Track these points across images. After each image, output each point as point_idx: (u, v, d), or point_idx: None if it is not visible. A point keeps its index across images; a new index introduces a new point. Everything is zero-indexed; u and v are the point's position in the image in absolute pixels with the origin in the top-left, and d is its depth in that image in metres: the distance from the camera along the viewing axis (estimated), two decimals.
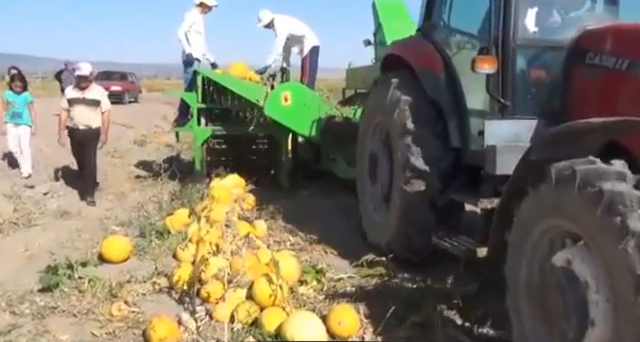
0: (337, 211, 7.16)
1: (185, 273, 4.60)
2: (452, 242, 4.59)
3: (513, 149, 3.87)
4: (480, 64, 4.15)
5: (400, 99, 5.12)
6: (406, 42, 5.81)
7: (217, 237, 5.18)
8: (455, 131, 4.85)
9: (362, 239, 5.85)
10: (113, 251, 5.37)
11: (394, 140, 5.26)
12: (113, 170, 10.49)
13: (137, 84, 36.34)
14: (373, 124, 5.90)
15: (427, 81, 5.07)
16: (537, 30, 4.54)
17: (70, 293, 4.47)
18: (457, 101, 4.87)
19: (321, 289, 4.68)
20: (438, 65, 5.03)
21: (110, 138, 9.02)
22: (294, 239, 5.99)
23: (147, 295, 4.56)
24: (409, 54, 5.43)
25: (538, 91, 4.44)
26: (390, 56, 5.77)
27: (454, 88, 4.89)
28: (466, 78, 4.76)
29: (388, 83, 5.35)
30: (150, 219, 6.54)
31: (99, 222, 6.88)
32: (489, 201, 4.23)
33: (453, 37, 5.17)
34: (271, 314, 3.99)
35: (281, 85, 8.79)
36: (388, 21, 8.28)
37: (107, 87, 34.41)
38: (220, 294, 4.26)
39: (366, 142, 6.03)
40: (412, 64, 5.26)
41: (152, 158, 11.56)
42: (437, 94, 4.97)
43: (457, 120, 4.85)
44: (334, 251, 5.63)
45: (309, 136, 8.48)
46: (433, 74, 5.04)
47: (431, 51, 5.17)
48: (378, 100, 5.60)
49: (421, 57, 5.26)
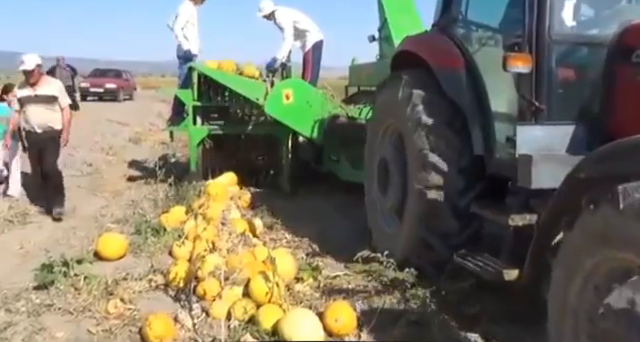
0: (333, 209, 7.17)
1: (181, 270, 4.60)
2: (476, 262, 4.04)
3: (550, 159, 3.51)
4: (513, 62, 3.72)
5: (412, 94, 4.68)
6: (421, 38, 5.33)
7: (213, 234, 5.17)
8: (478, 137, 4.38)
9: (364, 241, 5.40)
10: (109, 248, 5.36)
11: (408, 139, 4.78)
12: (108, 168, 10.49)
13: (132, 82, 36.27)
14: (383, 128, 5.44)
15: (446, 80, 4.60)
16: (575, 24, 4.16)
17: (66, 291, 4.45)
18: (480, 103, 4.39)
19: (317, 286, 4.68)
20: (458, 63, 4.56)
21: (105, 136, 8.92)
22: (290, 237, 5.99)
23: (143, 292, 4.55)
24: (425, 51, 4.92)
25: (575, 93, 4.00)
26: (402, 53, 5.26)
27: (477, 88, 4.43)
28: (490, 77, 4.33)
29: (400, 82, 4.90)
30: (146, 216, 6.52)
31: (94, 220, 6.86)
32: (520, 217, 3.77)
33: (475, 32, 4.74)
34: (268, 311, 3.99)
35: (282, 82, 8.34)
36: (394, 16, 7.93)
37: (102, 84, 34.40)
38: (217, 291, 4.26)
39: (375, 148, 5.54)
40: (429, 62, 4.77)
41: (147, 156, 11.55)
42: (457, 95, 4.50)
43: (480, 124, 4.37)
44: (330, 248, 5.62)
45: (311, 136, 8.02)
46: (453, 73, 4.56)
47: (450, 48, 4.70)
48: (388, 101, 5.14)
49: (439, 54, 4.79)
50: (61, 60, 21.50)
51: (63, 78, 20.44)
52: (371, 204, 5.62)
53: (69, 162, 10.44)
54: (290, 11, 9.07)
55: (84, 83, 32.10)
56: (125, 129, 16.97)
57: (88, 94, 31.47)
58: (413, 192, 4.67)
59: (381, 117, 5.49)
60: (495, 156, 4.27)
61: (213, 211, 5.76)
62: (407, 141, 4.82)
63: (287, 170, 8.33)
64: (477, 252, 4.17)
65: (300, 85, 8.16)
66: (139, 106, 26.31)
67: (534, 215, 3.66)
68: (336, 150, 7.95)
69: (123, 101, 31.51)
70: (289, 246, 5.75)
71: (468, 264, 4.06)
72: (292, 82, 8.33)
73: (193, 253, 4.96)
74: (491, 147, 4.31)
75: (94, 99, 31.05)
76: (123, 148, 13.08)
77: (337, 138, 7.84)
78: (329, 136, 7.89)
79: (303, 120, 7.89)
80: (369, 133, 5.72)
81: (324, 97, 8.18)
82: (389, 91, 5.11)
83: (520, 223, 3.77)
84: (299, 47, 9.12)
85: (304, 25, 9.01)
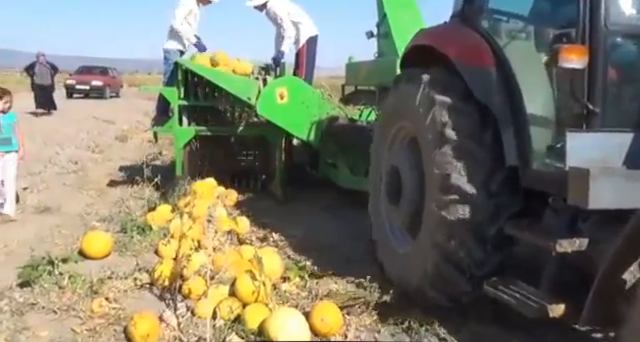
0: (321, 209, 7.17)
1: (167, 269, 4.57)
2: (511, 293, 3.48)
3: (611, 174, 2.96)
4: (566, 55, 3.18)
5: (435, 100, 3.98)
6: (441, 31, 4.63)
7: (199, 233, 5.15)
8: (511, 144, 3.72)
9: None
10: (94, 247, 5.32)
11: (426, 152, 4.09)
12: (94, 166, 10.44)
13: (118, 79, 36.20)
14: (393, 132, 4.82)
15: (473, 79, 3.94)
16: (635, 13, 3.50)
17: (50, 289, 4.40)
18: (514, 105, 3.75)
19: (304, 286, 4.67)
20: (488, 59, 3.90)
21: (92, 133, 8.83)
22: (277, 236, 5.98)
23: (128, 291, 4.51)
24: (448, 46, 4.23)
25: (635, 94, 3.46)
26: (416, 49, 4.62)
27: (510, 88, 3.78)
28: (526, 75, 3.75)
29: (416, 81, 4.23)
30: (131, 215, 6.48)
31: (79, 218, 6.81)
32: (569, 242, 3.19)
33: (506, 23, 4.16)
34: (254, 310, 3.97)
35: (276, 80, 7.70)
36: (394, 11, 7.50)
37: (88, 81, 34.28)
38: (202, 290, 4.24)
39: (383, 154, 4.94)
40: (453, 58, 4.10)
41: (133, 154, 11.50)
42: (487, 96, 3.84)
43: (514, 130, 3.73)
44: (317, 248, 5.62)
45: (307, 139, 7.49)
46: (482, 71, 3.90)
47: (478, 42, 4.04)
48: (401, 102, 4.53)
49: (465, 49, 4.12)
50: (41, 57, 20.57)
51: (42, 75, 19.97)
52: (377, 215, 5.05)
53: (54, 160, 10.41)
54: (285, 1, 8.52)
55: (70, 80, 31.97)
56: (111, 127, 16.91)
57: (74, 91, 31.35)
58: (431, 213, 3.97)
59: (391, 119, 4.86)
60: (532, 167, 3.66)
61: (199, 209, 5.74)
62: (425, 152, 4.15)
63: (279, 175, 7.81)
64: (510, 280, 3.62)
65: (295, 83, 7.61)
66: (125, 103, 26.21)
67: (584, 239, 3.21)
68: (334, 155, 7.50)
69: (109, 98, 31.40)
70: (276, 245, 5.74)
71: (502, 296, 3.50)
72: (287, 80, 7.73)
73: (179, 252, 4.94)
74: (527, 157, 3.67)
75: (80, 96, 30.90)
76: (109, 146, 13.02)
77: (335, 142, 7.39)
78: (326, 139, 7.43)
79: (298, 122, 7.41)
80: (376, 136, 5.15)
81: (321, 97, 7.72)
82: (403, 92, 4.51)
83: (569, 249, 3.21)
84: (292, 42, 8.51)
85: (297, 17, 8.45)
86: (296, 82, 7.68)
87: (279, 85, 7.39)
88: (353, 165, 6.97)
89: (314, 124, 7.42)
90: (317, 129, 7.41)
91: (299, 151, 8.47)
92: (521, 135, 3.71)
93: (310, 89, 7.68)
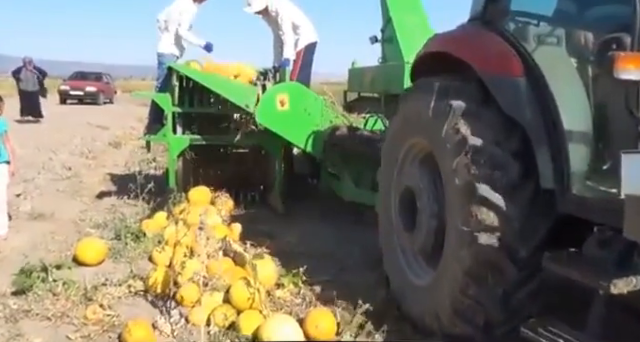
0: (315, 214, 7.18)
1: (161, 276, 4.57)
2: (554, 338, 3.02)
3: None
4: (623, 64, 2.80)
5: (451, 106, 3.57)
6: (460, 35, 4.13)
7: (194, 240, 5.16)
8: (547, 165, 3.26)
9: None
10: (88, 253, 5.32)
11: (445, 166, 3.64)
12: (88, 172, 10.41)
13: (112, 85, 36.23)
14: (404, 150, 4.35)
15: (501, 90, 3.49)
16: None
17: (44, 296, 4.40)
18: (548, 120, 3.28)
19: (298, 292, 4.69)
20: (516, 66, 3.45)
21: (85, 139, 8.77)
22: (271, 242, 5.99)
23: (122, 298, 4.52)
24: (469, 52, 3.78)
25: None
26: (430, 55, 4.17)
27: (542, 100, 3.32)
28: (561, 85, 3.31)
29: (431, 91, 3.78)
30: (125, 221, 6.48)
31: (73, 224, 6.80)
32: (625, 282, 2.80)
33: (535, 27, 3.67)
34: (248, 317, 3.99)
35: (276, 86, 7.24)
36: (399, 15, 7.14)
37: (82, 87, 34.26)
38: (196, 297, 4.24)
39: (393, 173, 4.48)
40: (476, 66, 3.64)
41: (127, 160, 11.49)
42: (517, 109, 3.39)
43: (549, 148, 3.26)
44: (311, 255, 5.63)
45: (309, 149, 6.99)
46: (509, 80, 3.46)
47: (504, 48, 3.57)
48: (412, 116, 4.08)
49: (489, 56, 3.66)
50: (28, 62, 19.75)
51: (28, 81, 19.25)
52: (388, 241, 4.53)
53: (48, 166, 10.39)
54: (288, 5, 8.14)
55: (64, 86, 31.97)
56: (105, 133, 16.90)
57: (68, 97, 31.36)
58: (455, 235, 3.53)
59: (401, 136, 4.38)
60: (572, 192, 3.18)
61: (193, 216, 5.74)
62: (444, 167, 3.68)
63: (279, 186, 7.39)
64: (550, 321, 3.15)
65: (297, 90, 7.08)
66: (119, 109, 26.20)
67: None
68: (337, 166, 7.03)
69: (103, 104, 31.39)
70: (270, 252, 5.75)
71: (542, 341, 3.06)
72: (288, 86, 7.22)
73: (173, 259, 4.94)
74: (565, 180, 3.21)
75: (74, 102, 30.87)
76: (103, 152, 13.02)
77: (338, 152, 6.87)
78: (329, 149, 6.91)
79: (300, 130, 6.91)
80: (385, 153, 4.65)
81: (324, 104, 7.22)
82: (414, 104, 4.04)
83: (625, 290, 2.81)
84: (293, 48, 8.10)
85: (299, 21, 8.08)
86: (298, 88, 7.14)
87: (280, 91, 6.91)
88: (358, 177, 6.63)
89: (316, 133, 6.96)
90: (319, 138, 6.93)
91: (299, 161, 8.08)
92: (558, 155, 3.24)
93: (313, 96, 7.17)
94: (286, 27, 7.93)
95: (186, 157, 7.51)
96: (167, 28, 8.12)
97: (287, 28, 7.94)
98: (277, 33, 8.18)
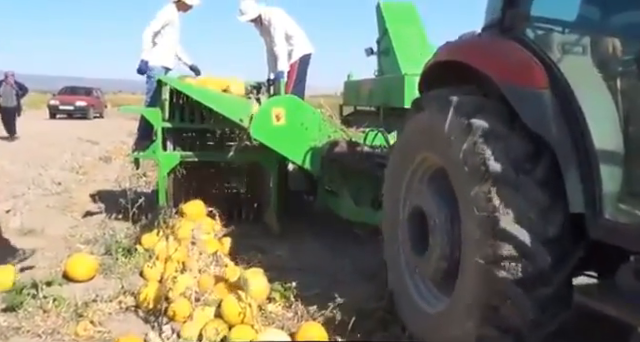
0: (306, 229, 7.18)
1: (152, 291, 4.56)
2: None
3: None
4: None
5: (471, 126, 3.22)
6: (474, 43, 3.89)
7: (185, 255, 5.15)
8: (576, 187, 2.98)
9: None
10: (78, 269, 5.30)
11: (461, 189, 3.33)
12: (78, 187, 10.38)
13: (102, 99, 36.25)
14: (413, 166, 4.04)
15: (523, 103, 3.17)
16: None
17: (34, 313, 4.37)
18: (577, 137, 3.02)
19: (290, 306, 4.68)
20: (540, 77, 3.15)
21: (75, 154, 8.70)
22: (262, 256, 5.99)
23: (113, 314, 4.50)
24: (486, 60, 3.50)
25: None
26: (440, 65, 3.88)
27: (570, 115, 3.05)
28: (591, 99, 3.04)
29: (444, 104, 3.46)
30: (116, 237, 6.46)
31: (63, 240, 6.77)
32: None
33: (561, 35, 3.36)
34: (240, 332, 3.98)
35: (272, 99, 6.96)
36: (396, 26, 7.06)
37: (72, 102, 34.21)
38: (188, 313, 4.24)
39: (400, 190, 4.18)
40: (495, 78, 3.33)
41: (118, 175, 11.46)
42: (542, 124, 3.08)
43: (579, 168, 2.99)
44: (303, 268, 5.64)
45: (306, 165, 6.65)
46: (533, 92, 3.17)
47: (525, 56, 3.29)
48: (423, 130, 3.79)
49: (510, 67, 3.35)
50: (10, 76, 18.92)
51: (7, 96, 18.30)
52: (395, 266, 4.26)
53: (38, 181, 10.35)
54: (282, 14, 7.95)
55: (53, 101, 31.93)
56: (95, 147, 16.88)
57: (58, 112, 31.34)
58: (471, 266, 3.23)
59: (410, 151, 4.05)
60: (604, 216, 2.92)
61: (184, 231, 5.74)
62: (460, 192, 3.37)
63: (275, 204, 7.09)
64: None
65: (294, 103, 6.73)
66: (109, 124, 26.17)
67: None
68: (336, 182, 6.68)
69: (93, 119, 31.35)
70: (261, 266, 5.75)
71: None
72: (284, 99, 6.88)
73: (164, 274, 4.93)
74: (598, 204, 2.94)
75: (64, 117, 30.81)
76: (93, 167, 12.98)
77: (337, 168, 6.54)
78: (328, 165, 6.55)
79: (297, 146, 6.56)
80: (391, 169, 4.35)
81: (322, 118, 6.85)
82: (425, 118, 3.75)
83: None
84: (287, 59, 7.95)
85: (292, 31, 7.90)
86: (294, 102, 6.79)
87: (275, 105, 6.56)
88: (357, 194, 6.34)
89: (314, 148, 6.60)
90: (317, 154, 6.58)
91: (294, 177, 7.77)
92: (588, 175, 2.97)
93: (310, 109, 6.82)
94: (279, 37, 7.75)
95: (177, 174, 7.21)
96: (155, 40, 7.86)
97: (280, 38, 7.76)
98: (270, 44, 8.00)
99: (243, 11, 7.89)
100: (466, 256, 3.31)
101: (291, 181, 7.71)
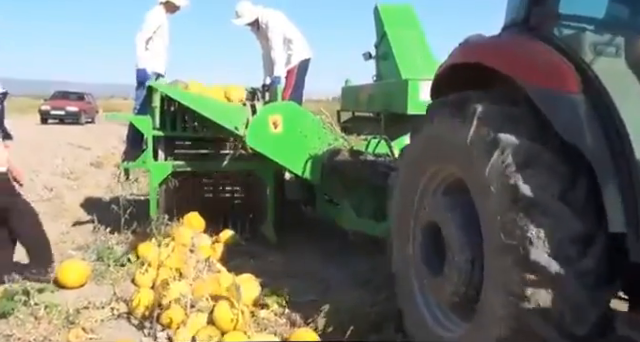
0: (299, 235, 7.18)
1: (145, 298, 4.56)
2: None
3: None
4: None
5: (498, 140, 2.86)
6: (496, 43, 3.51)
7: (179, 262, 5.15)
8: (615, 204, 2.66)
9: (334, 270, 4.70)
10: (70, 276, 5.28)
11: (485, 209, 2.98)
12: (69, 193, 10.34)
13: (94, 104, 36.10)
14: (426, 178, 3.72)
15: (555, 110, 2.84)
16: None
17: (26, 320, 4.35)
18: (616, 147, 2.71)
19: (282, 313, 4.69)
20: (572, 81, 2.86)
21: (67, 160, 8.62)
22: (255, 263, 5.99)
23: (106, 321, 4.49)
24: (510, 62, 3.16)
25: None
26: (455, 68, 3.53)
27: (608, 123, 2.75)
28: (630, 105, 2.77)
29: (463, 111, 3.14)
30: (108, 243, 6.44)
31: (55, 246, 6.70)
32: None
33: (592, 33, 3.02)
34: (232, 338, 3.99)
35: (268, 106, 6.65)
36: (394, 29, 6.87)
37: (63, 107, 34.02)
38: (181, 319, 4.24)
39: (412, 204, 3.84)
40: (520, 79, 3.02)
41: (109, 180, 11.41)
42: (576, 134, 2.76)
43: (619, 183, 2.68)
44: (296, 274, 5.64)
45: (305, 175, 6.31)
46: (565, 96, 2.85)
47: (554, 57, 2.98)
48: (439, 139, 3.45)
49: (537, 67, 3.03)
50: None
51: None
52: (405, 280, 3.92)
53: (29, 187, 10.29)
54: (280, 16, 7.60)
55: (45, 106, 31.82)
56: (87, 153, 16.81)
57: (49, 117, 31.22)
58: (495, 295, 2.88)
59: (425, 159, 3.71)
60: None
61: (179, 238, 5.73)
62: (485, 213, 3.00)
63: (271, 214, 6.82)
64: None
65: (292, 110, 6.41)
66: (101, 129, 26.07)
67: None
68: (337, 192, 6.38)
69: (85, 124, 31.24)
70: (254, 272, 5.75)
71: None
72: (281, 106, 6.58)
73: (157, 281, 4.92)
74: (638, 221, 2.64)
75: (55, 122, 30.70)
76: (85, 173, 12.93)
77: (338, 178, 6.20)
78: (328, 175, 6.22)
79: (295, 154, 6.23)
80: (402, 181, 3.99)
81: (321, 125, 6.48)
82: (441, 126, 3.41)
83: None
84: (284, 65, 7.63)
85: (291, 35, 7.56)
86: (292, 108, 6.48)
87: (272, 112, 6.26)
88: (359, 205, 6.01)
89: (313, 157, 6.26)
90: (317, 163, 6.24)
91: (291, 186, 7.52)
92: (630, 190, 2.67)
93: (309, 116, 6.49)
94: (277, 42, 7.45)
95: (169, 185, 6.89)
96: (147, 45, 7.44)
97: (278, 43, 7.46)
98: (267, 48, 7.67)
99: (239, 14, 7.60)
100: (489, 284, 2.95)
101: (288, 190, 7.45)
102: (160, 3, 7.45)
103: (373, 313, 4.35)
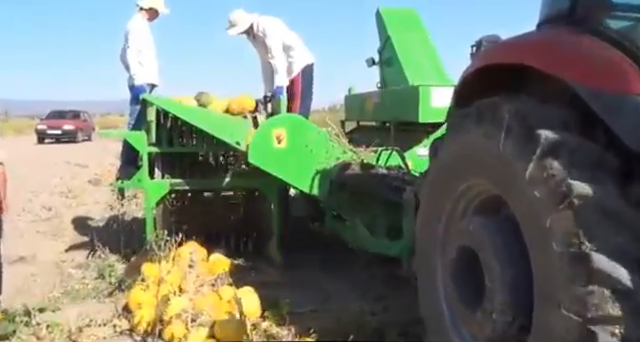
0: (299, 245, 7.18)
1: (146, 314, 4.57)
2: None
3: None
4: None
5: (538, 138, 2.51)
6: (537, 40, 3.07)
7: (179, 277, 5.16)
8: None
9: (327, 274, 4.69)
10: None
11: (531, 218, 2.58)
12: (68, 211, 10.35)
13: (90, 122, 36.18)
14: (455, 196, 3.28)
15: (615, 113, 2.48)
16: None
17: (28, 340, 4.38)
18: None
19: (283, 324, 4.69)
20: (635, 81, 2.49)
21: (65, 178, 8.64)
22: (255, 274, 6.00)
23: (108, 338, 4.50)
24: (557, 61, 2.73)
25: None
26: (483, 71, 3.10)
27: None
28: None
29: (495, 117, 2.79)
30: (108, 260, 6.45)
31: (55, 265, 6.75)
32: None
33: None
34: None
35: (271, 120, 6.12)
36: (398, 33, 6.57)
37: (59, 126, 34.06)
38: (183, 334, 4.25)
39: (438, 227, 3.42)
40: (573, 80, 2.60)
41: (107, 198, 11.41)
42: None
43: None
44: (296, 285, 5.66)
45: (313, 192, 5.80)
46: (629, 99, 2.48)
47: (613, 54, 2.61)
48: (468, 151, 3.06)
49: (592, 66, 2.65)
50: None
51: None
52: (435, 317, 3.46)
53: (28, 207, 10.32)
54: (276, 22, 7.16)
55: (41, 125, 31.89)
56: (84, 171, 16.83)
57: (45, 136, 31.28)
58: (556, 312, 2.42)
59: (453, 175, 3.29)
60: None
61: (181, 253, 5.73)
62: (526, 220, 2.64)
63: (277, 234, 6.43)
64: None
65: (296, 123, 5.90)
66: (98, 147, 26.06)
67: None
68: (346, 209, 5.79)
69: (82, 142, 31.27)
70: (254, 284, 5.76)
71: None
72: (285, 119, 6.10)
73: (158, 296, 4.93)
74: None
75: (52, 141, 30.73)
76: (83, 191, 12.94)
77: (349, 194, 5.68)
78: (337, 191, 5.70)
79: (301, 170, 5.73)
80: (426, 200, 3.57)
81: (328, 138, 5.93)
82: (469, 136, 3.02)
83: None
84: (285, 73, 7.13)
85: (290, 41, 7.11)
86: (297, 121, 5.98)
87: (276, 125, 5.76)
88: (372, 223, 5.46)
89: (321, 172, 5.75)
90: (325, 178, 5.72)
91: (297, 202, 7.14)
92: None
93: (315, 129, 5.93)
94: (276, 49, 6.97)
95: (166, 204, 6.53)
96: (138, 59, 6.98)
97: (277, 50, 6.98)
98: (265, 57, 7.17)
99: (233, 23, 7.11)
100: (543, 306, 2.53)
101: (293, 206, 7.12)
102: (141, 9, 7.04)
103: (374, 321, 4.36)
